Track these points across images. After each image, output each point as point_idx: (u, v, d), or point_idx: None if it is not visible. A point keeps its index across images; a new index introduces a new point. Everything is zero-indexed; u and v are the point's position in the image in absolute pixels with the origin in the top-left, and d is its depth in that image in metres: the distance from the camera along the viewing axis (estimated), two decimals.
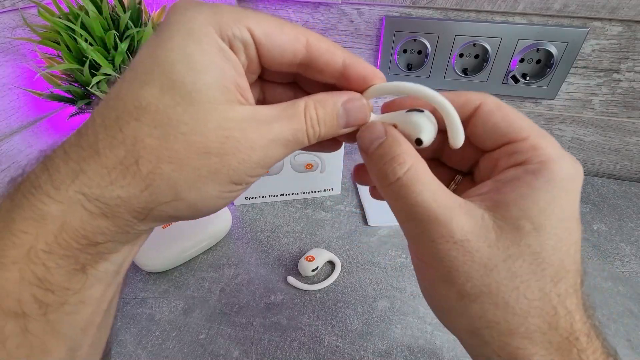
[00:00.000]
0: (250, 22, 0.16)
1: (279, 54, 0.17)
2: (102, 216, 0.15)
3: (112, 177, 0.14)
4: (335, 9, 0.54)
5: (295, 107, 0.17)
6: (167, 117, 0.14)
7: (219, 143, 0.15)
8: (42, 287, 0.14)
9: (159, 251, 0.41)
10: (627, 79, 0.51)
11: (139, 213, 0.15)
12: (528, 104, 0.56)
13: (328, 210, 0.51)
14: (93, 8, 0.41)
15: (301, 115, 0.17)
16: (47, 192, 0.14)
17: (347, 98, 0.19)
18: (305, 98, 0.18)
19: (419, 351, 0.34)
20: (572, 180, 0.16)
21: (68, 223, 0.14)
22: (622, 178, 0.60)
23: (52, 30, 0.42)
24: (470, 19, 0.50)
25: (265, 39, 0.16)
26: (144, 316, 0.37)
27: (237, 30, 0.15)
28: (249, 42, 0.16)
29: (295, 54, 0.17)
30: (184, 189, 0.15)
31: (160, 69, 0.15)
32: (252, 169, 0.16)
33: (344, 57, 0.18)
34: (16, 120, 0.47)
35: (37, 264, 0.14)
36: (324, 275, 0.42)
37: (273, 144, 0.16)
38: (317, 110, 0.18)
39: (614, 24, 0.47)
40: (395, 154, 0.17)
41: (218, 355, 0.34)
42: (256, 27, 0.16)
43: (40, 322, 0.14)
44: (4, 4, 0.42)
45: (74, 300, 0.15)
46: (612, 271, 0.43)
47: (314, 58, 0.17)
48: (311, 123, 0.18)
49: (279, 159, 0.18)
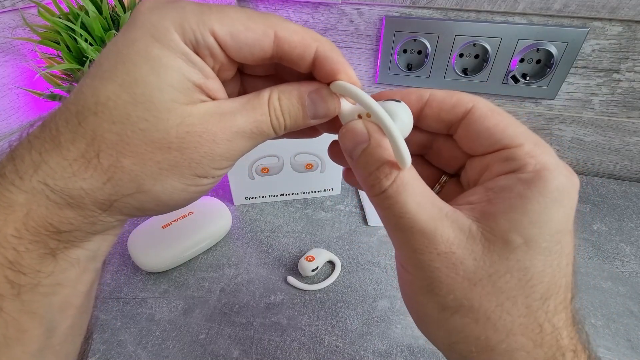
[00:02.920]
0: (214, 23, 0.15)
1: (247, 52, 0.16)
2: (67, 206, 0.15)
3: (73, 169, 0.15)
4: (335, 9, 0.54)
5: (259, 98, 0.17)
6: (126, 114, 0.15)
7: (180, 138, 0.15)
8: (14, 269, 0.15)
9: (159, 251, 0.41)
10: (627, 79, 0.51)
11: (102, 204, 0.16)
12: (528, 104, 0.56)
13: (328, 210, 0.51)
14: (93, 8, 0.41)
15: (264, 107, 0.17)
16: (12, 181, 0.15)
17: (314, 88, 0.18)
18: (270, 88, 0.18)
19: (419, 351, 0.34)
20: (566, 191, 0.15)
21: (34, 211, 0.15)
22: (622, 178, 0.60)
23: (52, 30, 0.42)
24: (470, 19, 0.50)
25: (231, 40, 0.16)
26: (144, 316, 0.37)
27: (200, 36, 0.15)
28: (213, 46, 0.16)
29: (264, 49, 0.17)
30: (146, 182, 0.16)
31: (124, 68, 0.15)
32: (215, 161, 0.16)
33: (317, 47, 0.17)
34: (16, 120, 0.47)
35: (7, 248, 0.15)
36: (324, 275, 0.42)
37: (237, 136, 0.17)
38: (281, 101, 0.18)
39: (614, 24, 0.47)
40: (381, 163, 0.16)
41: (218, 355, 0.34)
42: (220, 29, 0.16)
43: (15, 301, 0.15)
44: (4, 4, 0.42)
45: (48, 282, 0.16)
46: (612, 271, 0.43)
47: (285, 52, 0.17)
48: (275, 114, 0.17)
49: (245, 151, 0.18)
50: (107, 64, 0.15)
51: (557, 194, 0.15)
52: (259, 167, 0.48)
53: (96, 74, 0.15)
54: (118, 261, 0.43)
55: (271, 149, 0.47)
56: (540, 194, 0.15)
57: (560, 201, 0.15)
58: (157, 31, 0.15)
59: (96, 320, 0.37)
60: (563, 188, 0.15)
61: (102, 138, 0.15)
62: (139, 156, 0.15)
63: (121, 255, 0.43)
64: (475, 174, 0.18)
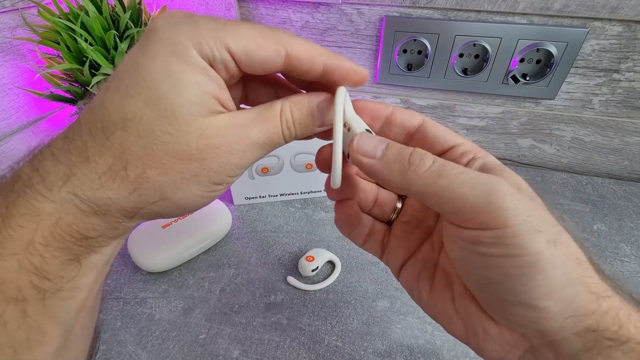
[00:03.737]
0: (229, 40, 0.16)
1: (259, 67, 0.18)
2: (93, 214, 0.16)
3: (102, 181, 0.16)
4: (335, 9, 0.54)
5: (271, 110, 0.19)
6: (150, 129, 0.16)
7: (199, 150, 0.17)
8: (40, 275, 0.16)
9: (159, 251, 0.41)
10: (627, 79, 0.51)
11: (128, 212, 0.17)
12: (528, 104, 0.56)
13: (328, 210, 0.51)
14: (93, 8, 0.41)
15: (277, 118, 0.19)
16: (40, 192, 0.16)
17: (322, 99, 0.20)
18: (281, 100, 0.19)
19: (419, 351, 0.35)
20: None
21: (62, 219, 0.16)
22: (622, 178, 0.60)
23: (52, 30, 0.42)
24: (470, 19, 0.50)
25: (245, 57, 0.17)
26: (144, 316, 0.37)
27: (217, 53, 0.16)
28: (229, 62, 0.17)
29: (275, 65, 0.18)
30: (169, 191, 0.17)
31: (146, 85, 0.16)
32: (231, 170, 0.18)
33: (324, 61, 0.18)
34: (16, 120, 0.47)
35: (35, 255, 0.15)
36: (324, 275, 0.42)
37: (251, 147, 0.18)
38: (292, 113, 0.19)
39: (614, 24, 0.47)
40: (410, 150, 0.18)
41: (218, 355, 0.34)
42: (235, 46, 0.17)
43: (38, 306, 0.16)
44: (4, 4, 0.42)
45: (69, 287, 0.17)
46: (612, 271, 0.43)
47: (294, 67, 0.18)
48: (287, 125, 0.19)
49: (257, 160, 0.19)
50: (128, 79, 0.16)
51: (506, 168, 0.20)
52: (259, 167, 0.48)
53: (118, 89, 0.16)
54: (118, 261, 0.43)
55: None
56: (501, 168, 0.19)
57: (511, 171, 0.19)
58: (176, 48, 0.16)
59: (101, 320, 0.37)
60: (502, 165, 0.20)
61: (130, 151, 0.16)
62: (162, 167, 0.16)
63: (121, 255, 0.43)
64: None
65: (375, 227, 0.25)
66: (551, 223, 0.17)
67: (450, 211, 0.17)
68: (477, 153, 0.20)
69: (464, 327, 0.20)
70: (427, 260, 0.23)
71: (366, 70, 0.20)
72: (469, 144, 0.21)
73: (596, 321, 0.16)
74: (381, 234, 0.25)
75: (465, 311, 0.20)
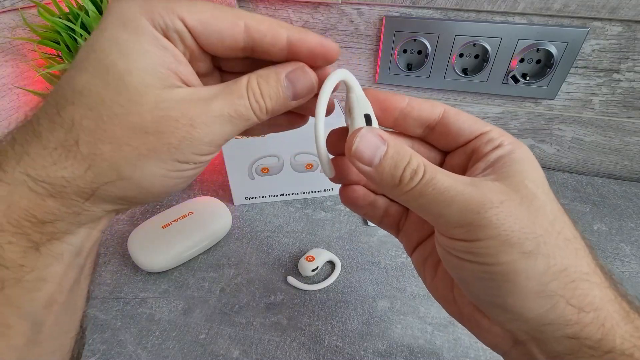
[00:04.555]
0: (183, 11, 0.16)
1: (217, 41, 0.17)
2: (49, 196, 0.15)
3: (53, 158, 0.15)
4: (335, 9, 0.54)
5: (237, 83, 0.18)
6: (100, 99, 0.15)
7: (155, 122, 0.16)
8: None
9: (159, 251, 0.41)
10: (627, 79, 0.51)
11: (84, 193, 0.16)
12: (528, 104, 0.56)
13: (328, 210, 0.51)
14: (93, 8, 0.41)
15: (242, 90, 0.17)
16: None
17: (291, 69, 0.18)
18: (248, 74, 0.18)
19: (419, 351, 0.34)
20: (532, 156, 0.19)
21: (16, 203, 0.15)
22: (622, 178, 0.60)
23: (52, 30, 0.42)
24: (470, 19, 0.50)
25: (201, 27, 0.16)
26: (144, 316, 0.37)
27: (169, 21, 0.16)
28: (183, 32, 0.16)
29: (235, 39, 0.17)
30: (125, 168, 0.16)
31: (95, 56, 0.15)
32: (195, 146, 0.17)
33: (288, 34, 0.18)
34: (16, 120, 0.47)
35: None
36: (324, 275, 0.42)
37: (216, 120, 0.17)
38: (259, 85, 0.18)
39: (614, 24, 0.47)
40: (409, 158, 0.18)
41: (218, 355, 0.34)
42: (189, 17, 0.16)
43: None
44: (4, 4, 0.42)
45: (32, 278, 0.16)
46: (612, 271, 0.43)
47: (257, 40, 0.17)
48: (254, 97, 0.18)
49: (228, 137, 0.18)
50: (81, 54, 0.16)
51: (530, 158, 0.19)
52: (259, 167, 0.48)
53: (73, 65, 0.16)
54: (118, 261, 0.43)
55: (271, 149, 0.47)
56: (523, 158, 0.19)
57: (534, 162, 0.19)
58: (126, 18, 0.15)
59: (94, 319, 0.37)
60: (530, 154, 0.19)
61: (80, 125, 0.15)
62: (116, 141, 0.15)
63: (121, 255, 0.43)
64: (462, 161, 0.21)
65: (391, 210, 0.24)
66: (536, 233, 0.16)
67: (430, 220, 0.18)
68: (504, 140, 0.19)
69: (461, 314, 0.21)
70: (433, 248, 0.23)
71: (336, 44, 0.19)
72: (496, 131, 0.20)
73: (577, 330, 0.16)
74: (397, 216, 0.24)
75: (461, 301, 0.21)
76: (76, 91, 0.15)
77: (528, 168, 0.18)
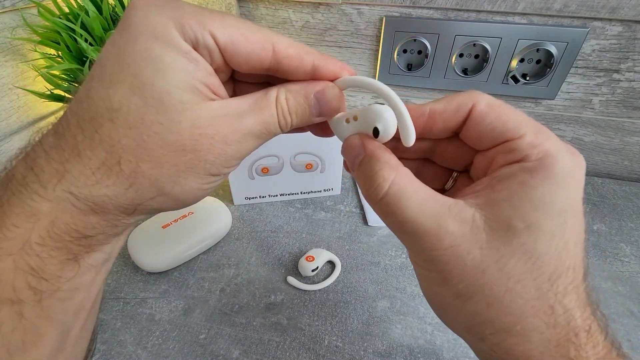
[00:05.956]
0: (214, 27, 0.15)
1: (244, 61, 0.17)
2: (91, 212, 0.16)
3: (97, 177, 0.15)
4: (335, 9, 0.54)
5: (266, 98, 0.18)
6: (140, 118, 0.15)
7: (193, 140, 0.16)
8: (36, 275, 0.15)
9: (159, 251, 0.41)
10: (627, 79, 0.51)
11: (126, 209, 0.16)
12: (528, 104, 0.56)
13: (328, 210, 0.51)
14: (93, 8, 0.41)
15: (272, 107, 0.18)
16: (35, 191, 0.15)
17: (320, 88, 0.19)
18: (277, 87, 0.18)
19: (419, 351, 0.34)
20: (570, 174, 0.15)
21: (59, 218, 0.15)
22: (622, 178, 0.60)
23: (52, 30, 0.42)
24: (470, 19, 0.50)
25: (230, 46, 0.16)
26: (144, 316, 0.37)
27: (200, 36, 0.15)
28: (213, 48, 0.16)
29: (262, 61, 0.17)
30: (166, 185, 0.16)
31: (129, 71, 0.15)
32: (227, 161, 0.17)
33: (313, 60, 0.18)
34: (16, 120, 0.47)
35: (31, 255, 0.15)
36: (324, 275, 0.42)
37: (246, 137, 0.17)
38: (288, 101, 0.18)
39: (614, 24, 0.47)
40: (374, 172, 0.17)
41: (218, 355, 0.34)
42: (220, 34, 0.16)
43: (35, 307, 0.15)
44: (4, 4, 0.42)
45: (67, 287, 0.16)
46: (612, 271, 0.43)
47: (283, 64, 0.17)
48: (283, 114, 0.18)
49: (253, 149, 0.18)
50: (110, 66, 0.15)
51: (560, 178, 0.15)
52: (259, 167, 0.48)
53: (101, 77, 0.15)
54: (118, 261, 0.43)
55: (271, 149, 0.47)
56: (542, 179, 0.15)
57: (563, 184, 0.15)
58: (157, 29, 0.15)
59: (99, 320, 0.37)
60: (566, 171, 0.15)
61: (120, 145, 0.15)
62: (156, 160, 0.15)
63: (121, 255, 0.43)
64: (482, 168, 0.19)
65: None
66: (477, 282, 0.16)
67: None
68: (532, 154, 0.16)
69: None
70: None
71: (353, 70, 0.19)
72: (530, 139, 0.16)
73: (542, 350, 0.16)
74: None
75: None
76: (113, 109, 0.15)
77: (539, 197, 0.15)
